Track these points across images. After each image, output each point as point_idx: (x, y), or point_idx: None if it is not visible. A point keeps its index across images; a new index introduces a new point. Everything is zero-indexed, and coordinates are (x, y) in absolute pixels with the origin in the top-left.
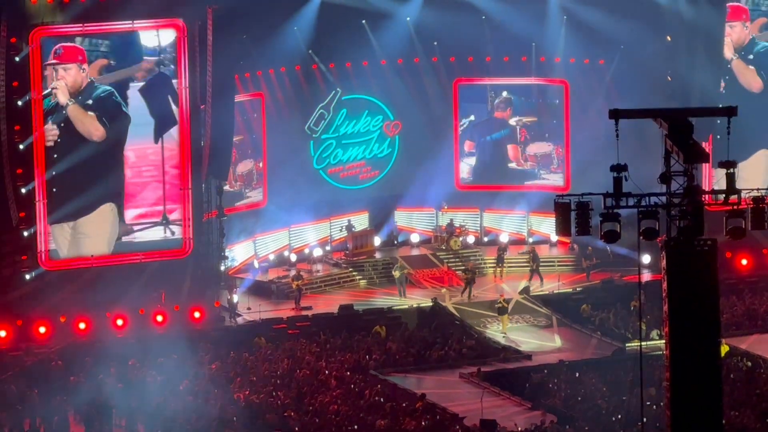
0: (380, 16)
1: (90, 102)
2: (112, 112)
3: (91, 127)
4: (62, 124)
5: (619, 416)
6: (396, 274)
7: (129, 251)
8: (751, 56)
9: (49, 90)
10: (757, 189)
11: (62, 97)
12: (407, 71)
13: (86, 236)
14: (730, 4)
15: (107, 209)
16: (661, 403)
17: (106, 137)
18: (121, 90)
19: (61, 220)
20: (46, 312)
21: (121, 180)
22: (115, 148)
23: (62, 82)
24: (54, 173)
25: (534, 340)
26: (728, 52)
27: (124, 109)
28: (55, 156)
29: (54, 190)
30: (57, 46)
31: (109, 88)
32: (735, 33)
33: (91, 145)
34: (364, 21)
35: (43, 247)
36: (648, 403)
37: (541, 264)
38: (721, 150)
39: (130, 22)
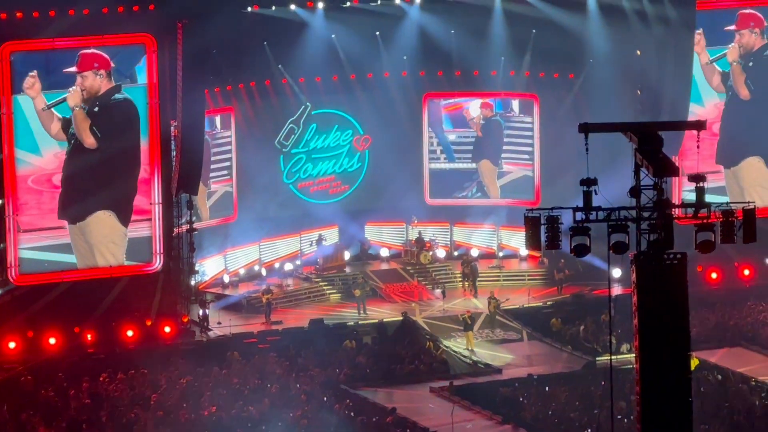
0: (350, 31)
1: (96, 109)
2: (117, 122)
3: (83, 134)
4: (70, 130)
5: (590, 430)
6: (357, 292)
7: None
8: (751, 63)
9: (64, 95)
10: (726, 203)
11: (71, 102)
12: (377, 86)
13: (95, 246)
14: (741, 12)
15: (104, 216)
16: (632, 417)
17: (99, 147)
18: None
19: (68, 220)
20: (15, 327)
21: (119, 189)
22: (115, 157)
23: (78, 88)
24: (63, 175)
25: (503, 354)
26: (731, 57)
27: (136, 118)
28: (66, 160)
29: (62, 192)
30: (76, 57)
31: (126, 96)
32: (744, 39)
33: (91, 152)
34: (333, 36)
35: (13, 262)
36: (618, 416)
37: (508, 277)
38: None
39: (100, 36)
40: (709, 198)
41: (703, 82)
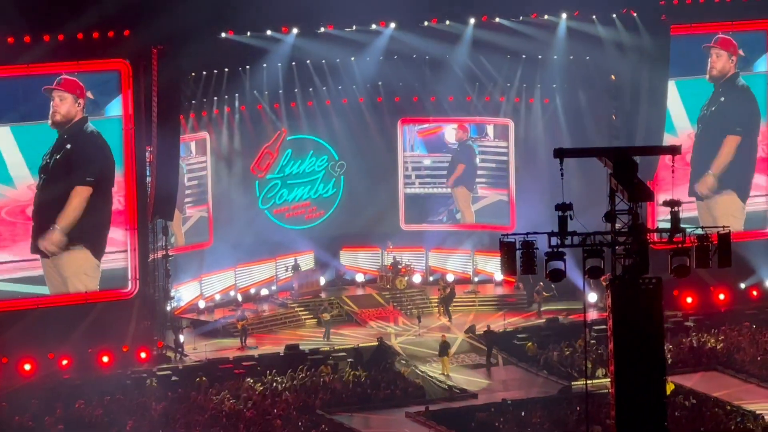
0: (325, 57)
1: (66, 136)
2: (89, 155)
3: None
4: (40, 164)
5: None
6: (325, 317)
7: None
8: (721, 89)
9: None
10: (702, 227)
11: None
12: (352, 111)
13: (68, 279)
14: (722, 36)
15: (78, 251)
16: None
17: (69, 180)
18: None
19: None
20: None
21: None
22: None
23: (52, 110)
24: (34, 209)
25: (479, 378)
26: (709, 78)
27: (108, 151)
28: (38, 194)
29: (34, 226)
30: (60, 77)
31: (95, 129)
32: (720, 62)
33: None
34: (308, 61)
35: None
36: None
37: (483, 302)
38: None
39: (76, 62)
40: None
41: (676, 111)
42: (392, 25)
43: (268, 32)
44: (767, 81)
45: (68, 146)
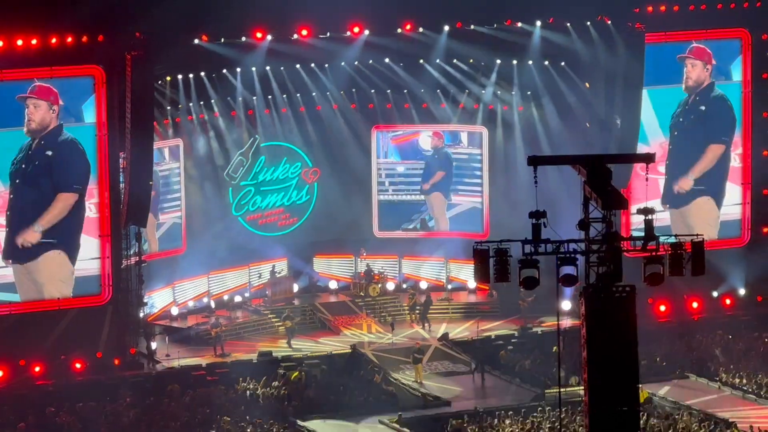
0: (299, 64)
1: (43, 142)
2: (65, 162)
3: None
4: (10, 168)
5: None
6: (288, 324)
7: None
8: (698, 98)
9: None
10: (675, 235)
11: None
12: (326, 118)
13: (43, 285)
14: (696, 45)
15: (55, 255)
16: None
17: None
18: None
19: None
20: None
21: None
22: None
23: (27, 118)
24: (8, 215)
25: (452, 386)
26: (685, 88)
27: (86, 158)
28: (11, 200)
29: (8, 232)
30: (33, 85)
31: (71, 137)
32: (695, 72)
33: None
34: (282, 68)
35: None
36: None
37: (456, 310)
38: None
39: (50, 68)
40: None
41: (648, 120)
42: (366, 32)
43: (242, 39)
44: (741, 89)
45: (49, 153)
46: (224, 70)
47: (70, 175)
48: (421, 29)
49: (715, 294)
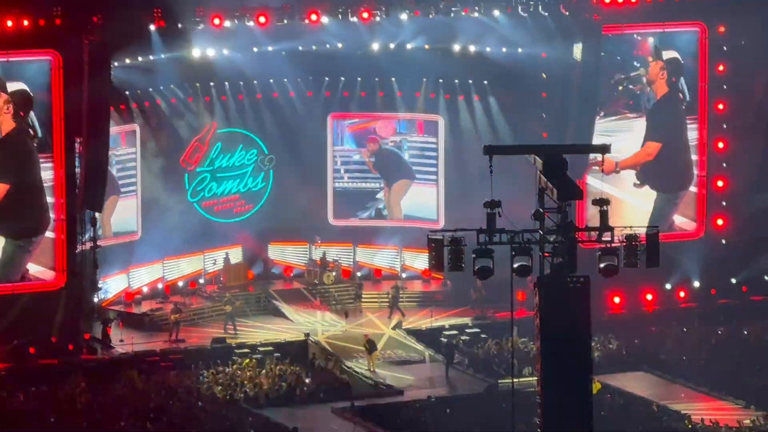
0: (256, 50)
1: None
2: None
3: None
4: None
5: None
6: (228, 308)
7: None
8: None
9: None
10: (630, 227)
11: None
12: (282, 105)
13: None
14: (651, 40)
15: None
16: None
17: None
18: None
19: None
20: None
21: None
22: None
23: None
24: None
25: (405, 375)
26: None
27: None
28: None
29: None
30: None
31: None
32: (652, 68)
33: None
34: (239, 54)
35: None
36: None
37: (411, 299)
38: None
39: (5, 51)
40: None
41: None
42: (324, 19)
43: (200, 25)
44: (698, 83)
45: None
46: (181, 56)
47: (17, 167)
48: (378, 18)
49: (669, 286)
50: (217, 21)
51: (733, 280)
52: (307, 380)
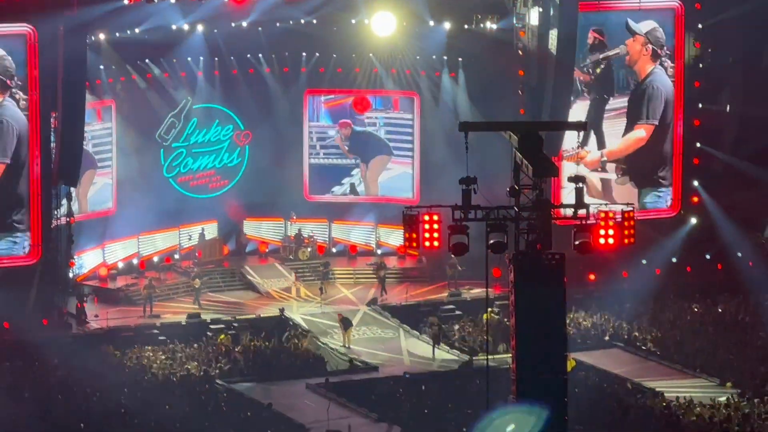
0: (233, 27)
1: None
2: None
3: None
4: None
5: (465, 430)
6: (197, 283)
7: None
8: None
9: None
10: (606, 203)
11: None
12: (258, 81)
13: None
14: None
15: None
16: None
17: None
18: None
19: None
20: None
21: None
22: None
23: None
24: None
25: (380, 351)
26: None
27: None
28: None
29: None
30: None
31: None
32: (633, 48)
33: None
34: (215, 30)
35: None
36: None
37: (389, 275)
38: None
39: None
40: None
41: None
42: None
43: (173, 0)
44: (674, 63)
45: None
46: (157, 32)
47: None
48: None
49: (644, 263)
50: None
51: (708, 257)
52: (281, 356)
